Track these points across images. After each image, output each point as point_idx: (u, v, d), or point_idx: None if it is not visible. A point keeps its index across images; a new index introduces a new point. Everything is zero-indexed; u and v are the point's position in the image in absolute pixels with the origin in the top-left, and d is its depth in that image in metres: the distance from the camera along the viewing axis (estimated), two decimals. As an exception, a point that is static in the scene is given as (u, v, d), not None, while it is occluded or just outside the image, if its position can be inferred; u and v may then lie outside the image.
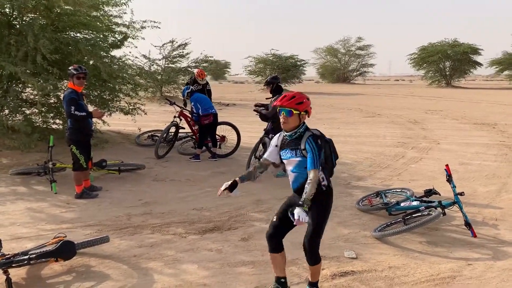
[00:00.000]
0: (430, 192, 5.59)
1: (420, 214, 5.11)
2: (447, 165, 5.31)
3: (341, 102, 25.06)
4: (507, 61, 45.45)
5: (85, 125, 6.43)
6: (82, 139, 6.45)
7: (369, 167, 8.69)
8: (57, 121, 9.20)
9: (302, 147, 3.42)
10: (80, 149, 6.35)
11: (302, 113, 3.47)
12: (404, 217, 5.09)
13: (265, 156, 3.72)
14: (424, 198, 5.54)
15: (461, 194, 5.15)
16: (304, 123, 3.53)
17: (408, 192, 5.95)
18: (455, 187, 5.18)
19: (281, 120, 3.49)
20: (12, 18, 8.74)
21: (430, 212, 5.00)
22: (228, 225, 5.40)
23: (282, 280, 3.66)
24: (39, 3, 8.34)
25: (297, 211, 3.20)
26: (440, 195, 5.55)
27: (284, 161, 3.58)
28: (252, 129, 12.65)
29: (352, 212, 5.94)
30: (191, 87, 9.40)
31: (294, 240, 4.16)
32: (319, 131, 3.61)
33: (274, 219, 3.66)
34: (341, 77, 57.46)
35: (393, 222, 5.18)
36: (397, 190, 6.20)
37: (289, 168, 3.56)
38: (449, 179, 5.19)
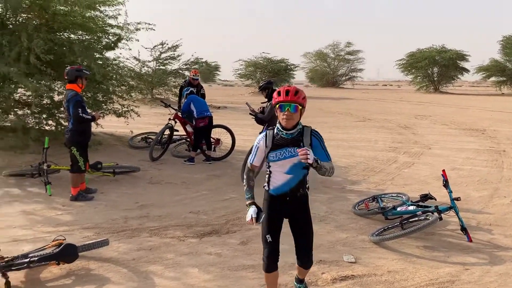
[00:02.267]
0: (426, 197, 5.66)
1: (417, 218, 5.16)
2: (443, 170, 5.38)
3: (331, 106, 25.21)
4: (494, 68, 46.10)
5: (87, 127, 6.48)
6: (83, 141, 6.46)
7: (363, 171, 8.75)
8: (50, 122, 9.09)
9: (308, 142, 3.25)
10: (80, 151, 6.35)
11: (303, 108, 3.28)
12: (401, 222, 5.14)
13: (253, 162, 3.47)
14: (420, 203, 5.60)
15: (457, 199, 5.22)
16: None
17: (404, 196, 6.01)
18: (452, 192, 5.25)
19: (284, 116, 3.19)
20: (5, 18, 8.64)
21: (427, 217, 5.06)
22: (226, 229, 5.39)
23: None
24: (34, 3, 8.25)
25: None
26: (436, 200, 5.61)
27: (277, 162, 3.30)
28: (245, 132, 12.68)
29: (348, 216, 5.98)
30: (191, 89, 9.41)
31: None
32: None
33: (270, 239, 3.38)
34: (330, 81, 57.75)
35: (390, 226, 5.22)
36: (393, 195, 6.26)
37: (282, 169, 3.30)
38: (446, 184, 5.25)
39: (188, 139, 9.62)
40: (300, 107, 3.22)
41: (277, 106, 3.23)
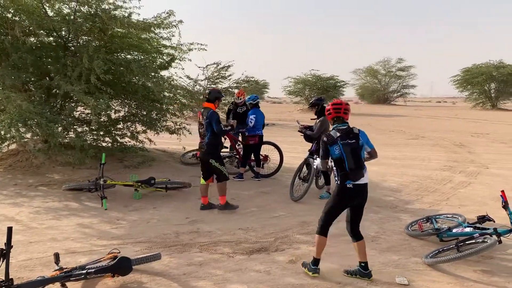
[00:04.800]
0: (483, 219, 5.40)
1: (474, 241, 4.92)
2: (502, 191, 5.12)
3: (382, 124, 24.72)
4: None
5: (220, 140, 7.07)
6: (218, 152, 6.99)
7: (416, 191, 8.49)
8: (107, 139, 9.49)
9: None
10: (219, 161, 6.82)
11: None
12: (457, 244, 4.93)
13: None
14: (478, 225, 5.35)
15: (519, 221, 4.95)
16: (331, 124, 4.75)
17: (460, 217, 5.77)
18: (512, 214, 4.99)
19: None
20: (67, 40, 9.18)
21: (485, 240, 4.81)
22: (274, 247, 5.38)
23: (318, 259, 4.59)
24: (94, 26, 8.72)
25: None
26: (494, 221, 5.35)
27: None
28: (293, 150, 12.67)
29: (401, 237, 5.81)
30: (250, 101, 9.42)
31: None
32: (332, 133, 4.55)
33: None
34: (381, 98, 56.83)
35: (445, 248, 5.02)
36: (448, 216, 6.02)
37: None
38: (505, 205, 5.00)
39: (237, 156, 9.73)
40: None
41: None
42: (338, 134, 4.50)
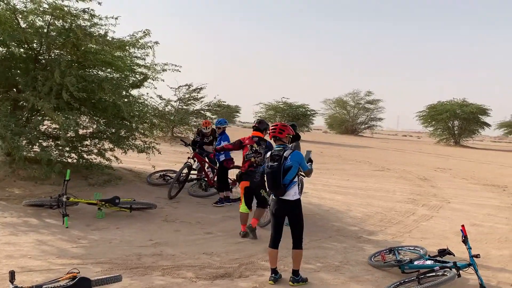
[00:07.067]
0: (444, 252, 5.52)
1: (434, 274, 5.02)
2: (463, 226, 5.27)
3: (349, 154, 25.15)
4: (516, 124, 45.75)
5: None
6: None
7: (380, 221, 8.63)
8: (73, 155, 9.27)
9: None
10: (266, 191, 6.83)
11: None
12: (418, 276, 5.01)
13: None
14: (438, 258, 5.46)
15: (477, 256, 5.08)
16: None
17: (421, 250, 5.88)
18: (471, 248, 5.13)
19: None
20: (38, 53, 9.02)
21: (445, 273, 4.92)
22: (238, 273, 5.33)
23: (273, 269, 5.11)
24: (68, 41, 8.62)
25: None
26: (454, 255, 5.48)
27: None
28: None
29: (364, 267, 5.86)
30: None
31: None
32: (268, 154, 5.25)
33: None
34: (349, 129, 57.97)
35: (406, 280, 5.09)
36: (411, 248, 6.13)
37: None
38: (465, 240, 5.14)
39: (206, 178, 9.67)
40: None
41: None
42: (268, 156, 5.18)
